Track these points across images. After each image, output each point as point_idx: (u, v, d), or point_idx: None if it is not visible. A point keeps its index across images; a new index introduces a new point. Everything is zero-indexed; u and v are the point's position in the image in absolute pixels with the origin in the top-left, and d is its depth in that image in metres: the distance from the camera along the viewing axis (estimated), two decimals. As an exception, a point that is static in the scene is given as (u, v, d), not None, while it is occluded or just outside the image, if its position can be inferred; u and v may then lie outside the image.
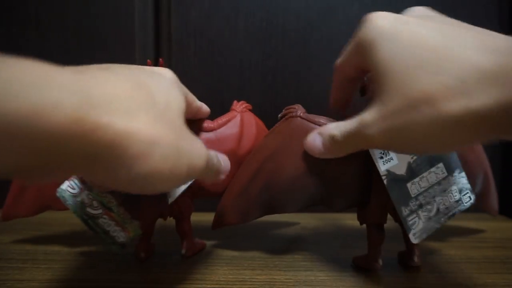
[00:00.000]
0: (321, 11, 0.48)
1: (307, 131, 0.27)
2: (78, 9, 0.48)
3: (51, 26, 0.48)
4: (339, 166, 0.28)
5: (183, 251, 0.31)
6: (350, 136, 0.23)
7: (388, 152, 0.27)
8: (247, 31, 0.49)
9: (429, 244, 0.35)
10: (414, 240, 0.27)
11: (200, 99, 0.35)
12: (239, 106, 0.33)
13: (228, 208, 0.30)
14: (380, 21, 0.21)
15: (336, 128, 0.24)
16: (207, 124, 0.31)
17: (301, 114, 0.29)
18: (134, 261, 0.31)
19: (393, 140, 0.20)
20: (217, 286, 0.26)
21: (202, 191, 0.32)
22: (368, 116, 0.21)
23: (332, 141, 0.24)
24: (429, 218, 0.27)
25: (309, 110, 0.29)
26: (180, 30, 0.49)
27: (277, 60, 0.49)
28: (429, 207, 0.27)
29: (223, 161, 0.26)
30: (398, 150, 0.24)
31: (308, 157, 0.27)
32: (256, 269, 0.29)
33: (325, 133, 0.25)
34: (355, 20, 0.22)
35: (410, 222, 0.26)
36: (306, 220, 0.45)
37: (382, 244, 0.28)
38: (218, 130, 0.31)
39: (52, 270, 0.28)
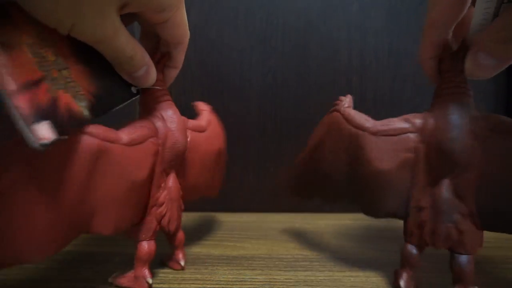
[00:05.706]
0: (321, 11, 0.48)
1: (341, 129, 0.26)
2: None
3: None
4: (378, 170, 0.25)
5: (182, 262, 0.29)
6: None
7: None
8: (247, 31, 0.49)
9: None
10: None
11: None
12: (206, 106, 0.33)
13: (286, 179, 0.34)
14: None
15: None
16: (197, 122, 0.30)
17: (342, 109, 0.27)
18: (133, 261, 0.31)
19: None
20: (217, 286, 0.26)
21: (196, 191, 0.30)
22: None
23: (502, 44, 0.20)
24: None
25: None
26: (180, 30, 0.49)
27: (277, 60, 0.49)
28: None
29: (152, 71, 0.24)
30: None
31: (340, 156, 0.27)
32: (256, 269, 0.29)
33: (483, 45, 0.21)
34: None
35: None
36: (306, 220, 0.45)
37: (416, 267, 0.25)
38: (208, 130, 0.31)
39: (52, 270, 0.28)
